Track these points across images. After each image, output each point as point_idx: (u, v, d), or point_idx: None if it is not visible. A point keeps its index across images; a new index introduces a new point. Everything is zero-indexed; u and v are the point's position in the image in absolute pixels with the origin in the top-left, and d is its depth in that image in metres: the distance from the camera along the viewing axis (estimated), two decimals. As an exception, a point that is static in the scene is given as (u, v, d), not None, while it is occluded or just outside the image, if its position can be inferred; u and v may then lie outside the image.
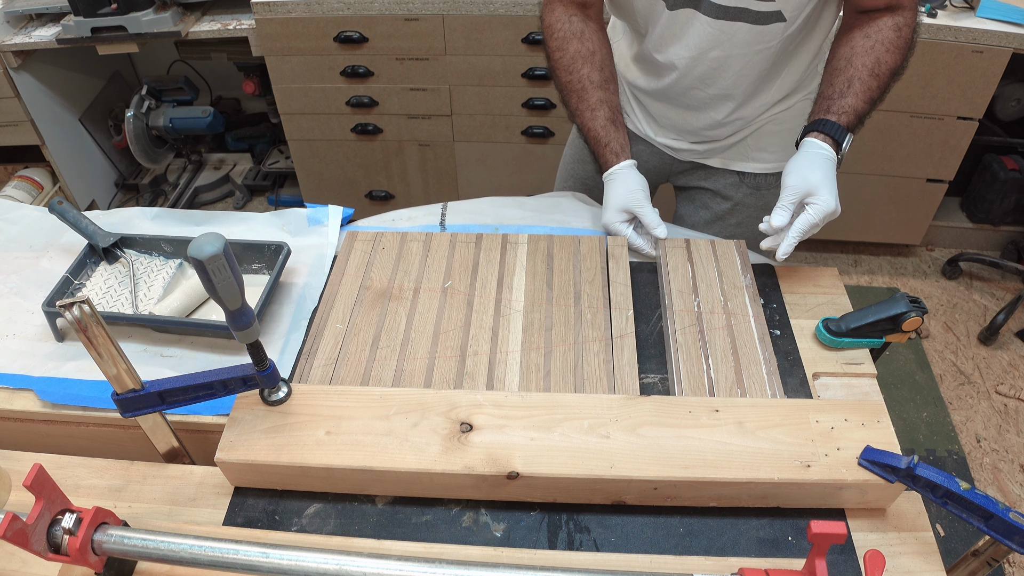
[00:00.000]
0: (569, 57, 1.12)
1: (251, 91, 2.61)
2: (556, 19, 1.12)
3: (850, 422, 0.78)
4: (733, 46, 1.03)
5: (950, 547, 1.72)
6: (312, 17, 2.12)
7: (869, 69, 0.99)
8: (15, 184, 2.55)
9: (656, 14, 1.05)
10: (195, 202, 2.87)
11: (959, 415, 2.09)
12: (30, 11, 2.28)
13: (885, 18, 1.00)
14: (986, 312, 2.43)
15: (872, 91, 0.99)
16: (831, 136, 0.97)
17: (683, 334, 0.93)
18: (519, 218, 1.19)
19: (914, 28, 1.01)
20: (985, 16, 2.02)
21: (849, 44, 1.01)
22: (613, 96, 1.14)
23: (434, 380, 0.88)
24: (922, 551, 0.74)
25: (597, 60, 1.12)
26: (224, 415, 0.87)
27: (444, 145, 2.41)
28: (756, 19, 0.99)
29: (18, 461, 0.84)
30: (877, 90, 1.00)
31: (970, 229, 2.63)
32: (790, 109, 1.17)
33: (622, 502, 0.77)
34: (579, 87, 1.13)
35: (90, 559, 0.64)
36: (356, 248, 1.07)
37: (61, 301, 0.63)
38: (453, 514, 0.78)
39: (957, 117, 2.18)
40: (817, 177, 0.95)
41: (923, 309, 0.90)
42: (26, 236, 1.17)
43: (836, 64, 1.02)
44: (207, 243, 0.60)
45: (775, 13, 0.98)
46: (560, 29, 1.11)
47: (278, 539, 0.72)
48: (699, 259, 1.04)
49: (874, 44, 0.99)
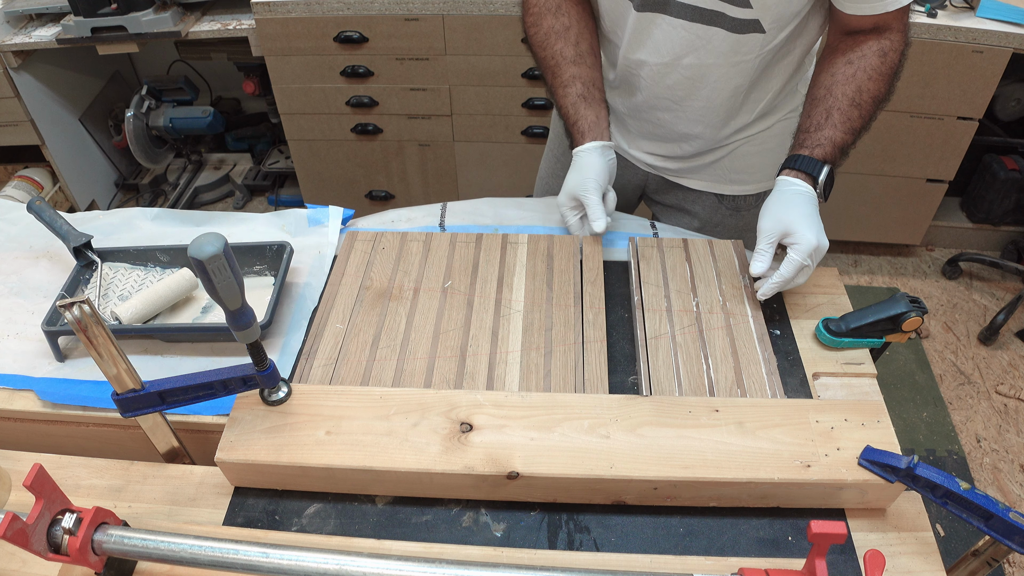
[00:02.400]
0: (543, 33, 1.09)
1: (251, 91, 2.61)
2: None
3: (850, 422, 0.78)
4: (708, 54, 0.99)
5: (950, 547, 1.72)
6: (312, 17, 2.12)
7: (850, 99, 0.94)
8: (15, 184, 2.55)
9: (623, 15, 1.02)
10: (195, 202, 2.87)
11: (959, 415, 2.09)
12: (30, 11, 2.28)
13: (871, 42, 0.95)
14: (986, 312, 2.43)
15: (853, 121, 0.95)
16: (805, 172, 0.94)
17: (682, 334, 0.93)
18: (519, 218, 1.19)
19: (901, 53, 0.96)
20: (985, 16, 2.02)
21: (830, 71, 0.97)
22: (589, 71, 1.08)
23: (434, 380, 0.88)
24: (922, 551, 0.74)
25: (572, 35, 1.08)
26: (224, 415, 0.87)
27: (444, 145, 2.41)
28: (732, 26, 0.96)
29: (18, 461, 0.84)
30: (859, 119, 0.96)
31: (970, 229, 2.63)
32: (769, 130, 1.14)
33: (622, 502, 0.77)
34: (553, 63, 1.09)
35: (90, 559, 0.64)
36: (356, 248, 1.07)
37: (61, 302, 0.63)
38: (453, 514, 0.78)
39: (957, 117, 2.18)
40: (793, 216, 0.91)
41: (923, 309, 0.90)
42: (26, 236, 1.17)
43: (816, 93, 0.98)
44: (207, 243, 0.60)
45: (753, 22, 0.95)
46: (535, 4, 1.09)
47: (278, 539, 0.72)
48: (697, 259, 1.04)
49: (856, 71, 0.95)
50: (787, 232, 0.91)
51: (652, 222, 1.18)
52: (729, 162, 1.17)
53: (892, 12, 0.93)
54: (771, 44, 0.98)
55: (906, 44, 0.97)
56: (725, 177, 1.20)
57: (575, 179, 1.05)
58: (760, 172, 1.18)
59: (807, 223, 0.91)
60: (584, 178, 1.04)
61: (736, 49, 0.98)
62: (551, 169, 1.37)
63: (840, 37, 0.99)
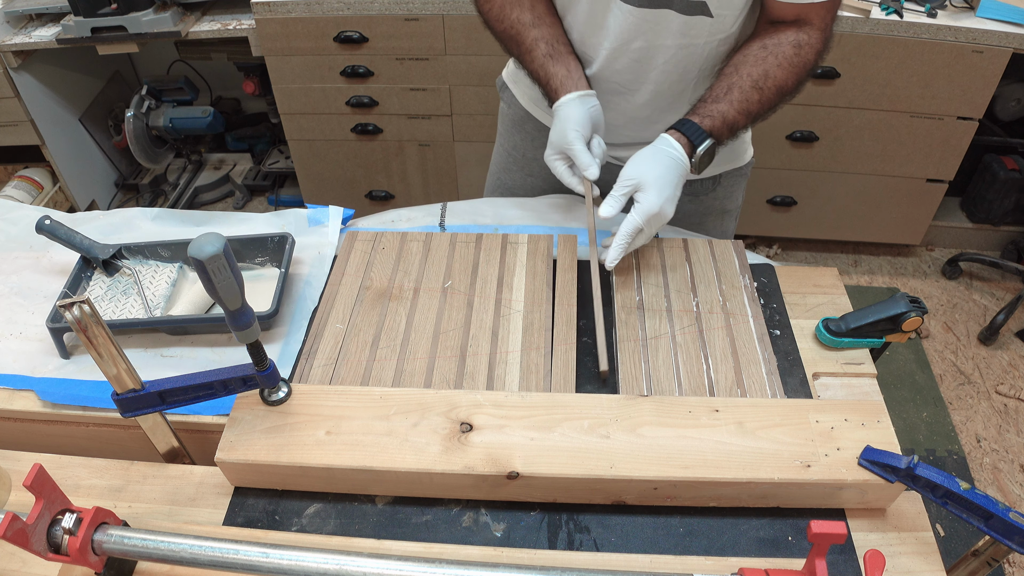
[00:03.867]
0: (498, 7, 1.07)
1: (251, 91, 2.61)
2: None
3: (850, 422, 0.78)
4: (657, 35, 0.99)
5: (950, 547, 1.72)
6: (312, 17, 2.12)
7: (753, 80, 0.94)
8: (15, 184, 2.55)
9: (574, 3, 1.02)
10: (195, 202, 2.87)
11: (959, 415, 2.09)
12: (30, 11, 2.28)
13: (790, 32, 0.96)
14: (986, 312, 2.43)
15: (751, 104, 0.95)
16: (687, 136, 0.94)
17: (682, 334, 0.93)
18: (519, 218, 1.19)
19: (819, 52, 0.96)
20: (985, 16, 2.02)
21: (744, 52, 0.97)
22: (549, 29, 1.06)
23: (434, 380, 0.88)
24: (922, 551, 0.74)
25: (527, 1, 1.07)
26: (224, 415, 0.87)
27: (444, 145, 2.41)
28: (682, 8, 0.95)
29: (18, 461, 0.84)
30: (757, 104, 0.95)
31: (970, 229, 2.63)
32: None
33: (622, 502, 0.77)
34: (513, 32, 1.07)
35: (90, 559, 0.64)
36: (356, 248, 1.07)
37: (61, 302, 0.63)
38: (453, 514, 0.78)
39: (957, 117, 2.18)
40: (653, 174, 0.91)
41: (923, 309, 0.90)
42: (26, 236, 1.17)
43: (724, 69, 0.98)
44: (207, 243, 0.60)
45: (700, 4, 0.94)
46: None
47: (278, 539, 0.72)
48: (697, 259, 1.04)
49: (767, 56, 0.95)
50: (640, 187, 0.92)
51: None
52: None
53: (813, 6, 0.93)
54: (720, 34, 0.98)
55: (824, 45, 0.97)
56: None
57: (556, 132, 1.03)
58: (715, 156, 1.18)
59: (660, 186, 0.92)
60: (565, 129, 1.01)
61: (684, 32, 0.98)
62: (502, 163, 1.35)
63: (764, 26, 1.00)
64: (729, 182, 1.23)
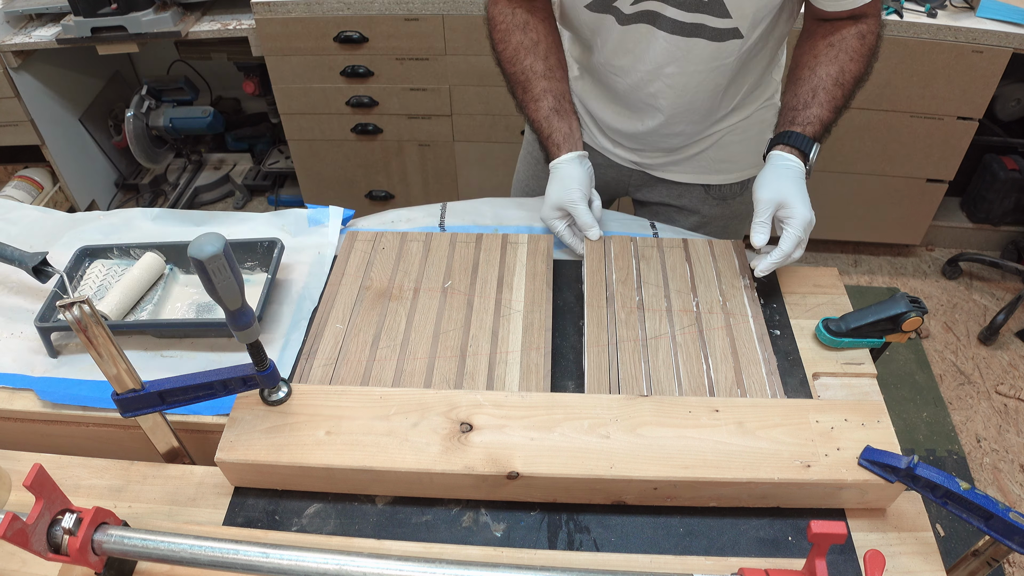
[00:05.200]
0: (512, 48, 1.10)
1: (251, 91, 2.61)
2: (499, 12, 1.10)
3: (850, 422, 0.78)
4: (689, 62, 1.01)
5: (950, 547, 1.72)
6: (312, 17, 2.12)
7: (833, 78, 0.97)
8: (15, 184, 2.55)
9: (606, 29, 1.03)
10: (195, 202, 2.87)
11: (959, 415, 2.09)
12: (30, 11, 2.28)
13: (849, 26, 0.98)
14: (986, 312, 2.43)
15: (837, 100, 0.98)
16: (797, 148, 0.96)
17: (682, 334, 0.93)
18: (519, 218, 1.19)
19: (878, 34, 1.00)
20: (985, 16, 2.02)
21: (812, 53, 1.00)
22: (559, 84, 1.11)
23: (434, 380, 0.88)
24: (922, 551, 0.74)
25: (541, 50, 1.09)
26: (224, 415, 0.87)
27: (444, 145, 2.41)
28: (713, 36, 0.98)
29: (18, 461, 0.84)
30: (842, 99, 0.99)
31: (970, 229, 2.63)
32: (749, 119, 1.16)
33: (622, 502, 0.77)
34: (523, 79, 1.10)
35: (90, 559, 0.64)
36: (356, 248, 1.07)
37: (61, 301, 0.63)
38: (453, 514, 0.78)
39: (957, 117, 2.18)
40: (789, 189, 0.93)
41: (923, 309, 0.90)
42: (26, 236, 1.17)
43: (800, 73, 1.00)
44: (207, 243, 0.60)
45: (732, 30, 0.97)
46: (503, 21, 1.10)
47: (278, 539, 0.72)
48: (697, 259, 1.04)
49: (838, 53, 0.98)
50: (783, 204, 0.93)
51: (652, 222, 1.19)
52: (713, 152, 1.19)
53: (868, 3, 0.96)
54: (747, 45, 1.00)
55: (881, 25, 1.01)
56: (710, 167, 1.21)
57: (558, 190, 1.06)
58: (743, 160, 1.20)
59: (801, 197, 0.94)
60: (568, 188, 1.05)
61: (716, 56, 1.00)
62: (531, 171, 1.37)
63: (817, 23, 1.02)
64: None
